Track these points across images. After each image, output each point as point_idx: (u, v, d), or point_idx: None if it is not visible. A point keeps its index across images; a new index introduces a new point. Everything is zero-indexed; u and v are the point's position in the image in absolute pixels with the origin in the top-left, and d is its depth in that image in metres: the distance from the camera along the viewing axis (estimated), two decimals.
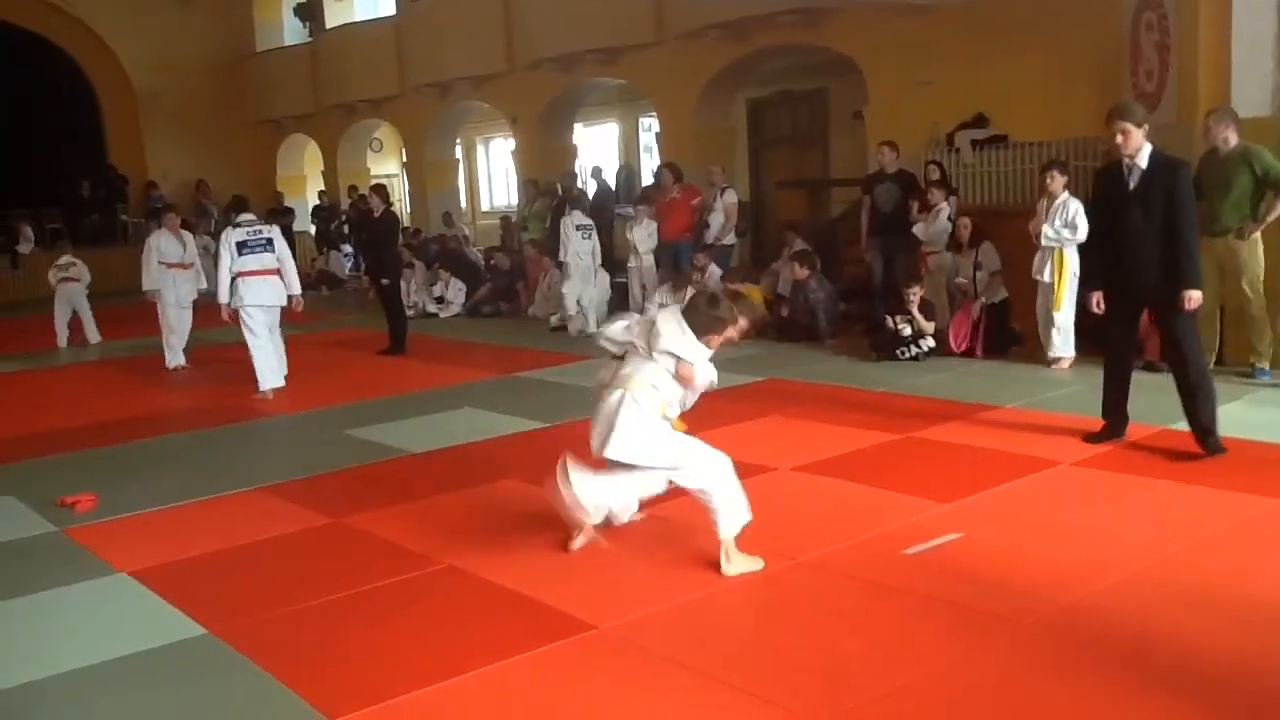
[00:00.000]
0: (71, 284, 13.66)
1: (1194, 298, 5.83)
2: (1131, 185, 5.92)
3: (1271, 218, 7.51)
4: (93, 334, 13.77)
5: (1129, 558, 4.60)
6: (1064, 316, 8.53)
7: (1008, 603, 4.18)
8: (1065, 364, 8.57)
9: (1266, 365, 7.69)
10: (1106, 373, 6.40)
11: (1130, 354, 6.43)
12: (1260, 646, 3.73)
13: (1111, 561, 4.56)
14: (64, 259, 13.90)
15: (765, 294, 11.75)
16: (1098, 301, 6.24)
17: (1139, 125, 5.85)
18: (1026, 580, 4.39)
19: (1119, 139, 5.87)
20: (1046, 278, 8.61)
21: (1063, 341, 8.58)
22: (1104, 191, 6.21)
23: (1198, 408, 5.93)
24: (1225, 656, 3.67)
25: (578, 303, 12.22)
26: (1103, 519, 5.13)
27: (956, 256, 9.81)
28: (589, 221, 12.49)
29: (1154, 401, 6.58)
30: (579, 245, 12.16)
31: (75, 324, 13.72)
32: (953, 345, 9.36)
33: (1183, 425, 6.07)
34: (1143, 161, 5.89)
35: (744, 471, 6.02)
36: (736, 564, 4.58)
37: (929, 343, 9.32)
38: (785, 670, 3.41)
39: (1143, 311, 6.46)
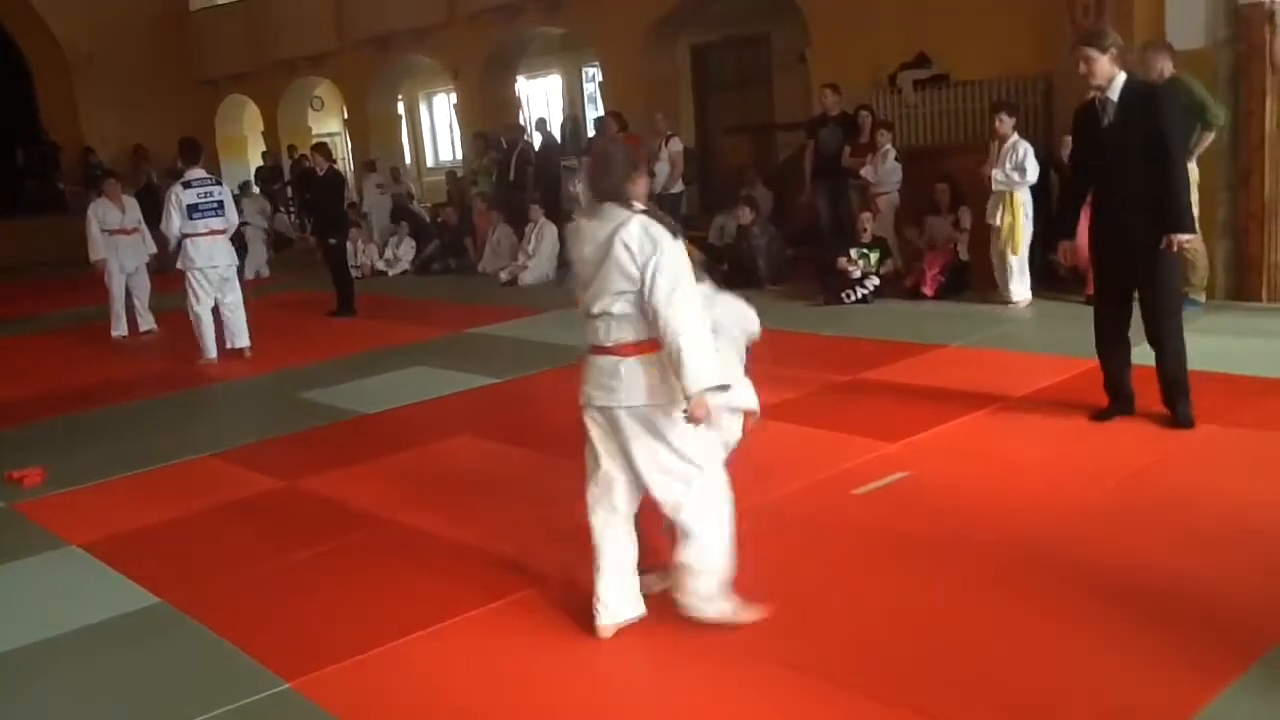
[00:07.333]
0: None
1: (1178, 239, 5.12)
2: (1105, 121, 5.22)
3: (1200, 149, 7.53)
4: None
5: (1075, 487, 4.71)
6: (1019, 259, 8.61)
7: (958, 534, 4.27)
8: (1022, 305, 8.66)
9: (1201, 298, 7.79)
10: (1098, 345, 5.57)
11: (1123, 324, 5.44)
12: (1204, 563, 3.86)
13: (1058, 491, 4.67)
14: None
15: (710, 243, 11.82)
16: (1065, 253, 5.77)
17: (1104, 51, 5.15)
18: (975, 512, 4.49)
19: (1082, 68, 5.19)
20: (999, 222, 8.66)
21: (1019, 284, 8.66)
22: (1080, 132, 5.50)
23: (1174, 397, 5.32)
24: (1173, 572, 3.80)
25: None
26: (1048, 451, 5.22)
27: (933, 219, 9.66)
28: (385, 180, 16.60)
29: (1087, 335, 6.64)
30: (376, 200, 16.02)
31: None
32: (927, 289, 9.22)
33: None
34: (1114, 93, 5.18)
35: None
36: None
37: (874, 282, 9.36)
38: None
39: (1134, 281, 5.35)
